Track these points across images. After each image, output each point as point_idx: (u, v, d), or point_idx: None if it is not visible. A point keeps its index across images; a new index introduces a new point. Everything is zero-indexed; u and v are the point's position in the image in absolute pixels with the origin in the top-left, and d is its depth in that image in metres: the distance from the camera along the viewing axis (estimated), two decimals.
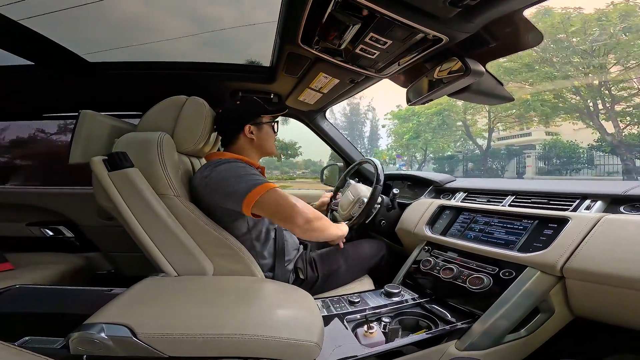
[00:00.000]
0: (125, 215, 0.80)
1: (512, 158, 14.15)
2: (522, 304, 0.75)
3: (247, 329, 0.60)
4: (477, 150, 15.28)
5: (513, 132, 15.75)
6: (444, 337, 0.77)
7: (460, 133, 15.80)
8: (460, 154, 16.64)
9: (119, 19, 1.14)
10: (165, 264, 0.82)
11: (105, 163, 0.81)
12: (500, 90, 1.04)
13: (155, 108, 1.04)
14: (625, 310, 0.67)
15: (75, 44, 1.14)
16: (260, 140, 1.04)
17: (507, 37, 0.81)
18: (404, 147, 17.99)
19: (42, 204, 1.58)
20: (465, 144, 16.38)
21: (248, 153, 1.04)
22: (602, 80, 9.58)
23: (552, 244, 0.76)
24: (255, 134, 1.03)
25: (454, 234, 1.07)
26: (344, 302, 0.92)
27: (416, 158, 18.69)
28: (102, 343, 0.55)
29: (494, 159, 14.77)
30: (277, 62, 1.14)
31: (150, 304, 0.66)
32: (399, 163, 19.65)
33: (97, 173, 0.80)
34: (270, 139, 1.07)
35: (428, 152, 17.35)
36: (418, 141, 16.23)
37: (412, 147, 17.38)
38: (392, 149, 20.46)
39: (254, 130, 1.03)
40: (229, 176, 0.87)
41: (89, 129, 0.93)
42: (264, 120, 1.05)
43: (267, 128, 1.07)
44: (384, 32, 0.83)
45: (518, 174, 13.30)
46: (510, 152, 14.66)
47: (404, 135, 16.74)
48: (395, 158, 19.54)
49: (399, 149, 19.02)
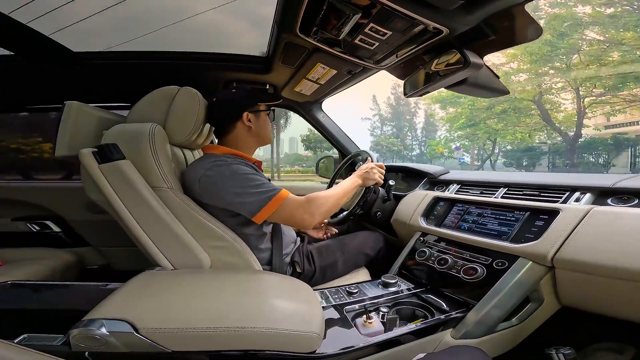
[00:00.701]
0: (118, 209, 0.78)
1: (622, 149, 11.10)
2: (514, 293, 0.78)
3: (249, 322, 0.61)
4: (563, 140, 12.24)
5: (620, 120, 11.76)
6: (440, 326, 0.80)
7: (537, 119, 12.41)
8: (545, 144, 13.79)
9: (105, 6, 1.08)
10: (161, 258, 0.82)
11: (95, 155, 0.79)
12: (496, 83, 1.05)
13: (146, 99, 1.00)
14: (611, 300, 0.70)
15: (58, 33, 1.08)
16: (258, 128, 1.03)
17: (507, 30, 0.81)
18: (465, 138, 14.91)
19: (26, 199, 1.53)
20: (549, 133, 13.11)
21: (245, 143, 1.02)
22: None
23: (543, 235, 0.79)
24: (253, 122, 1.01)
25: (448, 225, 1.10)
26: (343, 293, 0.94)
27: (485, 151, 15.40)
28: (104, 339, 0.55)
29: (590, 151, 11.73)
30: (274, 52, 1.12)
31: (149, 298, 0.66)
32: (459, 157, 17.00)
33: (87, 165, 0.78)
34: (267, 127, 1.06)
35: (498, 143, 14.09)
36: (477, 129, 13.18)
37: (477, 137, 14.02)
38: (449, 141, 17.58)
39: (252, 118, 1.01)
40: (239, 185, 0.85)
41: (75, 120, 0.90)
42: (261, 108, 1.04)
43: (264, 116, 1.05)
44: (384, 23, 0.82)
45: (633, 168, 10.54)
46: (619, 142, 11.28)
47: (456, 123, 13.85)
48: (454, 151, 17.05)
49: (457, 141, 16.09)
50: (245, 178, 0.86)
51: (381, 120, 32.08)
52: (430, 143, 21.73)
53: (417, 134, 28.24)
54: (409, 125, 27.97)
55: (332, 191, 0.97)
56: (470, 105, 12.47)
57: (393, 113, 28.56)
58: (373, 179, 1.10)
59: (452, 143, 17.23)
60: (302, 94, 1.48)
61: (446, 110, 14.20)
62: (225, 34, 5.37)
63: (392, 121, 29.42)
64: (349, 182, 1.04)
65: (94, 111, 0.95)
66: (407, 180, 1.57)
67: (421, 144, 29.32)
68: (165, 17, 1.71)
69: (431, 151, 20.24)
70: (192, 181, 0.89)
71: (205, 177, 0.87)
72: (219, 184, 0.86)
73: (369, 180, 1.09)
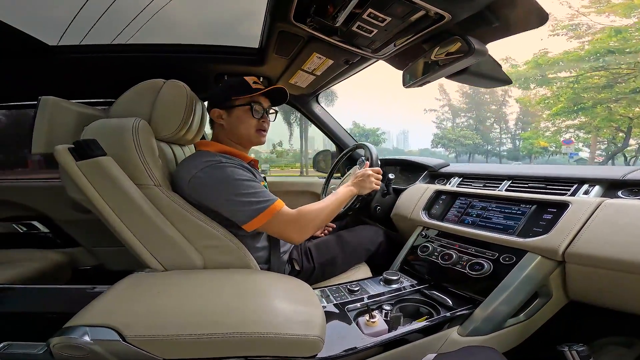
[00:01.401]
0: (101, 208, 0.73)
1: None
2: (523, 289, 0.75)
3: (246, 327, 0.57)
4: None
5: None
6: (446, 323, 0.77)
7: None
8: None
9: None
10: (150, 259, 0.77)
11: (72, 152, 0.73)
12: (499, 72, 1.01)
13: (129, 93, 0.95)
14: (622, 294, 0.68)
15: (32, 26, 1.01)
16: (230, 126, 0.93)
17: (512, 16, 0.77)
18: (579, 128, 10.66)
19: (10, 198, 1.46)
20: None
21: (228, 141, 0.95)
22: None
23: (553, 229, 0.76)
24: (225, 119, 0.93)
25: (451, 219, 1.07)
26: (344, 291, 0.91)
27: (614, 144, 11.05)
28: (87, 347, 0.51)
29: None
30: (267, 42, 1.07)
31: (138, 302, 0.61)
32: (570, 152, 13.35)
33: (63, 163, 0.72)
34: (242, 125, 0.92)
35: (635, 134, 9.91)
36: (590, 114, 8.93)
37: (593, 126, 9.69)
38: (556, 132, 13.00)
39: (223, 115, 0.93)
40: (232, 191, 0.80)
41: (51, 116, 0.84)
42: (237, 103, 0.92)
43: (240, 112, 0.92)
44: (383, 8, 0.78)
45: None
46: None
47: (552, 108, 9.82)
48: (562, 145, 13.43)
49: (567, 132, 11.61)
50: (239, 184, 0.80)
51: (452, 111, 28.63)
52: (524, 135, 17.67)
53: (509, 126, 24.23)
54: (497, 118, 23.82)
55: (325, 202, 0.93)
56: (571, 82, 8.25)
57: (470, 102, 25.61)
58: (369, 187, 1.06)
59: (560, 135, 13.49)
60: (297, 87, 1.44)
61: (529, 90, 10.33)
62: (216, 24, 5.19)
63: (468, 112, 26.62)
64: (344, 191, 1.00)
65: (72, 106, 0.89)
66: (406, 174, 1.54)
67: (515, 138, 25.84)
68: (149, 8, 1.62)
69: (527, 145, 16.77)
70: (182, 180, 0.84)
71: (196, 179, 0.81)
72: (211, 188, 0.81)
73: (364, 189, 1.06)
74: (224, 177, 0.81)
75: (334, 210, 0.94)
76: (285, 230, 0.84)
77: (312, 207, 0.89)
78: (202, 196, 0.82)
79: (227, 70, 1.33)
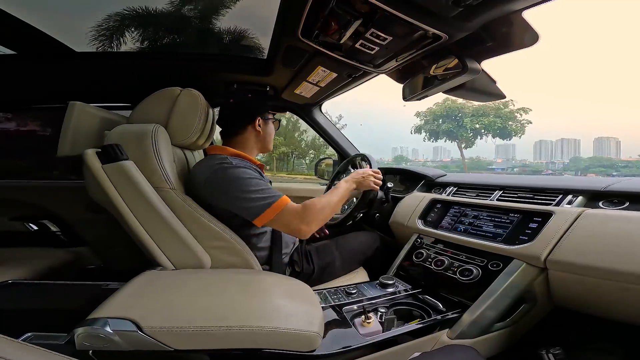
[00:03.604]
0: (121, 209, 0.79)
1: None
2: (508, 294, 0.80)
3: (251, 321, 0.62)
4: None
5: None
6: (437, 326, 0.82)
7: None
8: None
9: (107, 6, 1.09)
10: (162, 258, 0.82)
11: (99, 155, 0.79)
12: (493, 88, 1.07)
13: (148, 100, 1.01)
14: (601, 300, 0.72)
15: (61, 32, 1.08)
16: (265, 134, 1.08)
17: (505, 36, 0.82)
18: None
19: (24, 198, 1.52)
20: None
21: (251, 147, 1.05)
22: None
23: (536, 237, 0.81)
24: (262, 128, 1.06)
25: (445, 227, 1.12)
26: (341, 294, 0.95)
27: None
28: (108, 338, 0.56)
29: None
30: (274, 54, 1.13)
31: (152, 297, 0.67)
32: None
33: (91, 166, 0.78)
34: (272, 135, 1.12)
35: None
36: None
37: None
38: None
39: (262, 124, 1.06)
40: (242, 189, 0.86)
41: (77, 120, 0.90)
42: (270, 116, 1.09)
43: (271, 124, 1.11)
44: (384, 29, 0.84)
45: None
46: None
47: None
48: None
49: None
50: (249, 182, 0.87)
51: None
52: None
53: None
54: None
55: (327, 197, 0.95)
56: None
57: None
58: (367, 185, 1.09)
59: None
60: (302, 96, 1.49)
61: None
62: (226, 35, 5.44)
63: None
64: (344, 186, 1.03)
65: (96, 111, 0.96)
66: (405, 183, 1.59)
67: None
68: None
69: None
70: (198, 181, 0.91)
71: (211, 179, 0.88)
72: (224, 186, 0.87)
73: (362, 186, 1.09)
74: (235, 177, 0.88)
75: (337, 204, 0.97)
76: (292, 223, 0.87)
77: (317, 201, 0.92)
78: (215, 196, 0.89)
79: (236, 79, 1.39)
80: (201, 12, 1.17)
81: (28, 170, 1.98)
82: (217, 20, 1.17)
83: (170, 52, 1.30)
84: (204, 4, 1.14)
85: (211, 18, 1.14)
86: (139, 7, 1.09)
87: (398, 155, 40.36)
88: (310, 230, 0.89)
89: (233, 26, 1.21)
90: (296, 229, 0.87)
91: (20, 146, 1.97)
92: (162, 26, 1.16)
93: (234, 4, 1.11)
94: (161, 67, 1.30)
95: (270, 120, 1.10)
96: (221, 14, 1.15)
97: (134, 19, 1.14)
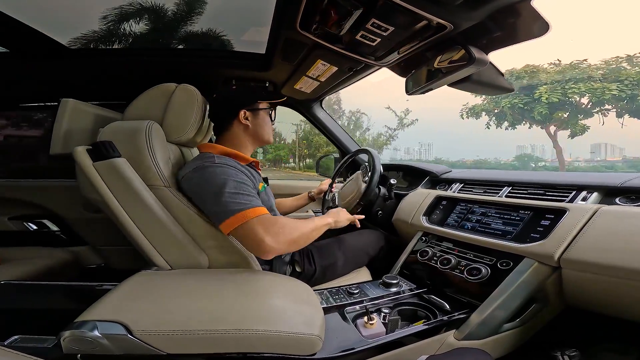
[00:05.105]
0: (113, 208, 0.76)
1: None
2: (519, 294, 0.76)
3: (248, 324, 0.59)
4: None
5: None
6: (443, 327, 0.78)
7: None
8: None
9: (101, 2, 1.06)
10: (157, 258, 0.80)
11: (90, 153, 0.77)
12: (500, 80, 1.03)
13: (143, 96, 0.99)
14: (617, 300, 0.69)
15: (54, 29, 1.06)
16: (255, 126, 1.00)
17: (513, 26, 0.79)
18: None
19: (24, 197, 1.51)
20: None
21: (242, 141, 1.00)
22: None
23: (549, 235, 0.77)
24: (250, 120, 0.99)
25: (451, 224, 1.08)
26: (343, 294, 0.92)
27: None
28: (96, 341, 0.53)
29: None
30: (273, 48, 1.10)
31: (145, 299, 0.64)
32: None
33: (81, 164, 0.76)
34: (266, 126, 1.03)
35: None
36: None
37: None
38: None
39: (249, 116, 0.98)
40: (210, 191, 0.79)
41: (70, 118, 0.88)
42: (260, 106, 1.01)
43: (264, 114, 1.02)
44: (386, 18, 0.80)
45: None
46: None
47: None
48: None
49: None
50: (222, 184, 0.78)
51: None
52: None
53: None
54: None
55: (301, 222, 0.87)
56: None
57: None
58: (344, 220, 1.02)
59: None
60: (302, 92, 1.47)
61: None
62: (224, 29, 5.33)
63: None
64: (320, 220, 0.94)
65: (90, 109, 0.93)
66: (408, 179, 1.55)
67: None
68: None
69: None
70: (183, 176, 0.87)
71: (187, 179, 0.84)
72: (197, 187, 0.82)
73: (339, 222, 1.00)
74: (211, 177, 0.80)
75: (311, 232, 0.87)
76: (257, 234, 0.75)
77: (290, 220, 0.85)
78: (190, 195, 0.84)
79: (234, 75, 1.37)
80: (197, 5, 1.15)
81: None
82: (214, 15, 1.15)
83: (166, 48, 1.27)
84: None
85: (207, 12, 1.11)
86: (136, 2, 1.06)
87: (521, 155, 28.25)
88: (276, 247, 0.76)
89: (230, 20, 1.18)
90: (260, 239, 0.74)
91: None
92: (158, 22, 1.14)
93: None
94: (158, 63, 1.27)
95: (262, 111, 1.01)
96: (217, 8, 1.13)
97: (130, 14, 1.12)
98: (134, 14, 1.11)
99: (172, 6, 1.12)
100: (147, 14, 1.13)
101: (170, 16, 1.17)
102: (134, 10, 1.10)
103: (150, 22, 1.16)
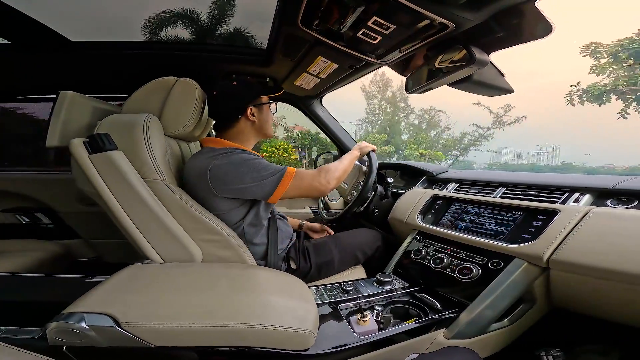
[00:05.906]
0: (108, 200, 0.76)
1: None
2: (508, 294, 0.77)
3: (240, 318, 0.59)
4: None
5: None
6: (433, 326, 0.79)
7: None
8: None
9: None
10: (150, 251, 0.79)
11: (86, 145, 0.76)
12: (501, 81, 1.03)
13: (142, 89, 0.98)
14: (602, 302, 0.70)
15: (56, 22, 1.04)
16: (261, 122, 1.02)
17: (516, 27, 0.78)
18: None
19: (16, 190, 1.49)
20: None
21: (247, 137, 1.00)
22: None
23: (540, 236, 0.78)
24: (257, 116, 1.00)
25: (445, 224, 1.09)
26: (337, 290, 0.93)
27: None
28: (83, 333, 0.53)
29: None
30: (274, 44, 1.09)
31: (135, 292, 0.64)
32: None
33: (77, 156, 0.75)
34: (270, 120, 1.05)
35: None
36: None
37: None
38: None
39: (256, 112, 0.99)
40: (248, 171, 0.86)
41: (68, 110, 0.87)
42: (263, 100, 1.02)
43: (267, 109, 1.04)
44: (388, 17, 0.80)
45: None
46: None
47: None
48: None
49: None
50: (254, 163, 0.87)
51: None
52: None
53: None
54: None
55: (337, 162, 1.04)
56: None
57: None
58: (365, 147, 1.18)
59: None
60: (302, 88, 1.46)
61: None
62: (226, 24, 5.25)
63: None
64: (350, 155, 1.11)
65: (88, 101, 0.92)
66: (405, 178, 1.56)
67: None
68: None
69: None
70: (199, 173, 0.87)
71: (216, 167, 0.86)
72: (231, 172, 0.86)
73: (363, 150, 1.17)
74: (240, 159, 0.88)
75: (347, 165, 1.06)
76: (309, 184, 0.91)
77: (328, 164, 1.01)
78: (224, 182, 0.86)
79: (235, 70, 1.35)
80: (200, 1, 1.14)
81: None
82: (217, 9, 1.14)
83: (168, 41, 1.26)
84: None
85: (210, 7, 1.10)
86: None
87: None
88: (328, 185, 0.94)
89: (232, 15, 1.17)
90: (315, 184, 0.92)
91: None
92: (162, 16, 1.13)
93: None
94: (159, 57, 1.26)
95: (265, 105, 1.03)
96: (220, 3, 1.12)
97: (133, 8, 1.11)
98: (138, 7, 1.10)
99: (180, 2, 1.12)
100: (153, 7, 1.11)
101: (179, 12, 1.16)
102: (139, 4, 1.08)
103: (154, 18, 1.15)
